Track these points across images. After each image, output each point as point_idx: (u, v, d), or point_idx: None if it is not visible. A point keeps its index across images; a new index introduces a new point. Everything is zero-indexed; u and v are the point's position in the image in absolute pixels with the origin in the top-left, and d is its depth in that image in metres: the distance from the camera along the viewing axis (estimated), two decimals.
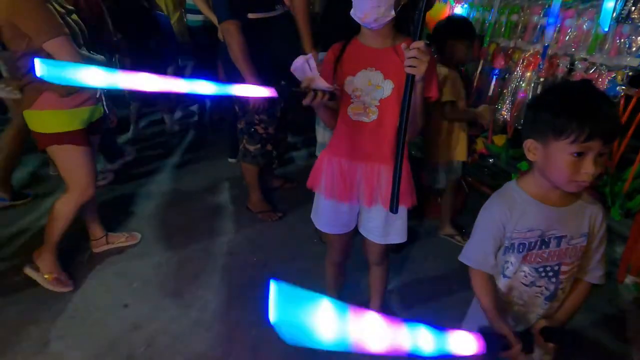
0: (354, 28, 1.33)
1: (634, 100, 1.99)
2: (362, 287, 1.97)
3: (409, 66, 1.07)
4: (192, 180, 3.24)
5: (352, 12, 1.25)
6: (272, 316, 0.56)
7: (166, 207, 2.84)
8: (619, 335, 1.86)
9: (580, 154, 0.91)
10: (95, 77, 0.92)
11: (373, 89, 1.28)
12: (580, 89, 0.99)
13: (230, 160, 3.41)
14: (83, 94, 1.91)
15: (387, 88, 1.28)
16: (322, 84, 1.22)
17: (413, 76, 1.09)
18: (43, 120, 1.88)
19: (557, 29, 2.31)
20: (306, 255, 2.35)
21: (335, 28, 1.34)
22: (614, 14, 1.87)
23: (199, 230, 2.59)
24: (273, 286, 0.57)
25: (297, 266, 2.27)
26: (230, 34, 2.12)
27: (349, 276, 1.89)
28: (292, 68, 1.24)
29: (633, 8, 1.77)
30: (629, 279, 2.08)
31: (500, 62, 2.76)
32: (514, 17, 2.66)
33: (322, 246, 2.29)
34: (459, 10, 3.03)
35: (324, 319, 0.57)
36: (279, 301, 0.56)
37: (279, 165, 3.20)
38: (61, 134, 1.89)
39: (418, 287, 2.15)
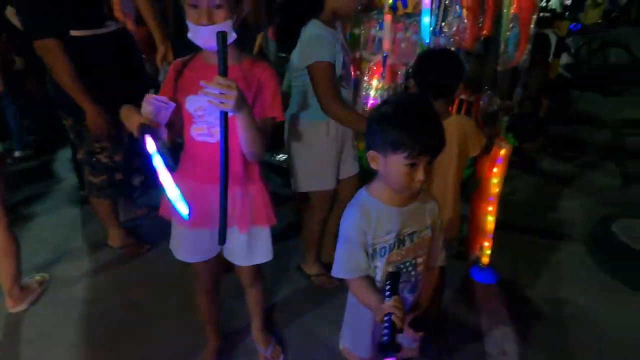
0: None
1: (456, 101, 2.33)
2: (241, 309, 1.91)
3: (219, 102, 1.04)
4: (40, 219, 2.81)
5: (190, 36, 1.19)
6: None
7: None
8: (472, 307, 2.13)
9: (413, 165, 1.03)
10: None
11: (216, 109, 1.24)
12: (411, 105, 1.09)
13: (81, 192, 3.02)
14: None
15: None
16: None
17: (226, 112, 1.07)
18: None
19: (392, 40, 2.56)
20: (181, 287, 2.18)
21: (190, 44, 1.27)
22: (431, 28, 2.15)
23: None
24: None
25: (171, 302, 2.10)
26: (51, 54, 1.84)
27: (225, 301, 1.81)
28: (150, 102, 1.16)
29: (443, 23, 2.07)
30: (473, 255, 2.40)
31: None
32: (356, 31, 2.88)
33: None
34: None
35: None
36: None
37: (143, 192, 2.96)
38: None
39: (298, 297, 2.17)
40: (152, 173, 1.19)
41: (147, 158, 1.15)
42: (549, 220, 2.89)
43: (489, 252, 2.27)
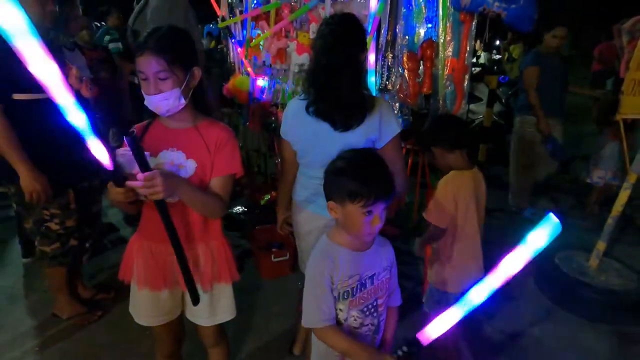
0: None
1: (404, 149, 2.50)
2: None
3: (151, 196, 1.11)
4: None
5: (146, 102, 1.25)
6: None
7: None
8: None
9: (370, 212, 1.12)
10: None
11: (176, 169, 1.28)
12: (364, 159, 1.19)
13: (23, 260, 2.82)
14: None
15: (190, 167, 1.29)
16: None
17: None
18: None
19: None
20: (137, 355, 2.06)
21: None
22: (377, 87, 2.34)
23: None
24: None
25: None
26: None
27: None
28: (120, 153, 1.16)
29: (387, 82, 2.27)
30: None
31: None
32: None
33: None
34: (261, 82, 3.28)
35: None
36: None
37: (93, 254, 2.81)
38: None
39: (263, 356, 2.11)
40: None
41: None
42: (496, 255, 3.05)
43: None
